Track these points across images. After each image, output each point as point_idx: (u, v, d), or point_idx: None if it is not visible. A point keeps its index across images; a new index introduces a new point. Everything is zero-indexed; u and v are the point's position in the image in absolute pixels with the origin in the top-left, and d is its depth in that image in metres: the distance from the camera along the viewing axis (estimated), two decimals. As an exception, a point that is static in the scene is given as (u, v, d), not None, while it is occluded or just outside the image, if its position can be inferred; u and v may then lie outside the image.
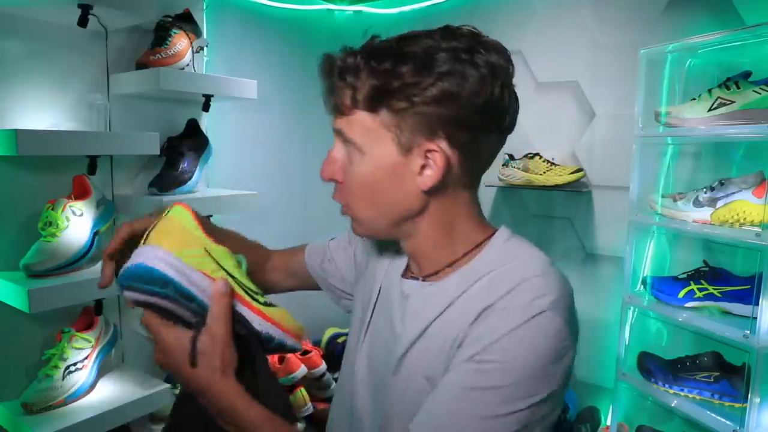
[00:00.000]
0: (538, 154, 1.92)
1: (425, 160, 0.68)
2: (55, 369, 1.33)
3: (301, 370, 1.89)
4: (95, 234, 1.41)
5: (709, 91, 1.47)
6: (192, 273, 0.65)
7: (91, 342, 1.41)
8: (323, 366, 2.02)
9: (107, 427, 1.34)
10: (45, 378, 1.32)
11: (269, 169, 2.16)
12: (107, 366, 1.52)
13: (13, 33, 1.36)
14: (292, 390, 1.89)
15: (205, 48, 1.74)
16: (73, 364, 1.36)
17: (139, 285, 0.64)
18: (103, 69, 1.53)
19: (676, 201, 1.54)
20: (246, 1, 2.05)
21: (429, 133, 0.67)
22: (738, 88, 1.42)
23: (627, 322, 1.65)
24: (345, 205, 0.75)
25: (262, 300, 0.70)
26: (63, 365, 1.34)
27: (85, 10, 1.33)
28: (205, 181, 1.82)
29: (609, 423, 1.75)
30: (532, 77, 2.02)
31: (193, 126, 1.71)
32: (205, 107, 1.69)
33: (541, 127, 2.02)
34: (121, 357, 1.63)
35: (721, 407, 1.42)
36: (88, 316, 1.45)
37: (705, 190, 1.48)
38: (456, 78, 0.64)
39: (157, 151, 1.51)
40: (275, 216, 2.12)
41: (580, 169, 1.86)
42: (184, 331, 0.65)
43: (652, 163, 1.67)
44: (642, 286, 1.65)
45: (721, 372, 1.45)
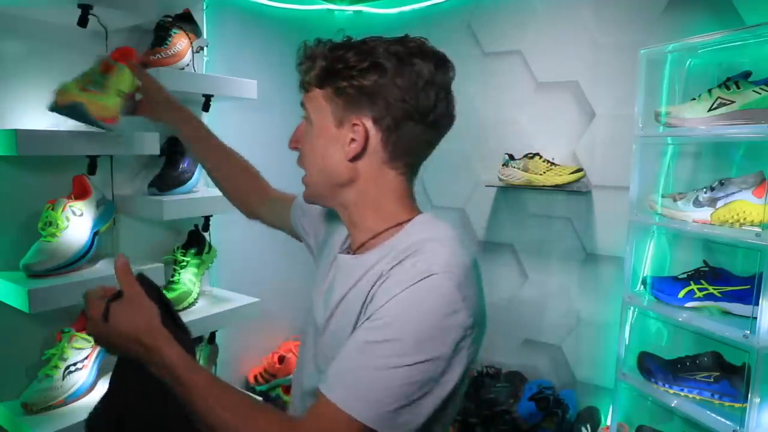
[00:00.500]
0: (538, 154, 1.92)
1: (353, 133, 0.81)
2: (55, 369, 1.33)
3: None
4: (95, 234, 1.41)
5: (709, 91, 1.47)
6: None
7: (91, 342, 1.41)
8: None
9: (107, 427, 1.34)
10: (45, 378, 1.33)
11: (269, 169, 2.15)
12: (107, 366, 1.51)
13: (13, 33, 1.36)
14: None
15: (205, 48, 1.74)
16: (73, 364, 1.36)
17: None
18: (103, 69, 1.53)
19: (676, 201, 1.54)
20: (246, 1, 2.05)
21: (358, 110, 0.80)
22: (738, 88, 1.42)
23: (627, 322, 1.65)
24: (303, 169, 0.88)
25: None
26: (63, 365, 1.34)
27: (85, 10, 1.33)
28: (205, 181, 1.82)
29: (609, 423, 1.75)
30: (532, 77, 2.02)
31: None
32: (205, 107, 1.69)
33: (541, 127, 2.02)
34: (121, 357, 1.63)
35: (721, 407, 1.42)
36: (88, 316, 1.45)
37: (705, 190, 1.48)
38: (388, 71, 0.77)
39: (157, 151, 1.51)
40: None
41: (580, 169, 1.86)
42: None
43: (652, 163, 1.67)
44: (642, 286, 1.65)
45: (721, 372, 1.45)
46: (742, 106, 1.40)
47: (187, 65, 1.61)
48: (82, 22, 1.34)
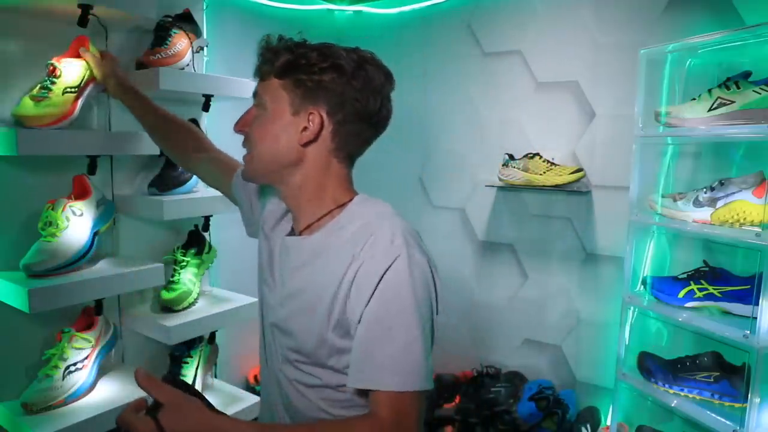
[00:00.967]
0: (538, 154, 1.92)
1: (307, 122, 0.91)
2: (55, 369, 1.33)
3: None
4: (95, 234, 1.41)
5: (709, 91, 1.47)
6: None
7: (91, 342, 1.41)
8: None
9: (107, 427, 1.34)
10: (45, 378, 1.32)
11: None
12: (107, 366, 1.52)
13: (13, 33, 1.36)
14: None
15: (205, 48, 1.74)
16: (73, 364, 1.36)
17: None
18: (103, 69, 1.53)
19: (676, 201, 1.54)
20: (246, 1, 2.05)
21: (314, 102, 0.90)
22: (738, 88, 1.42)
23: (627, 322, 1.65)
24: (248, 150, 0.97)
25: None
26: (63, 365, 1.34)
27: (85, 10, 1.33)
28: (205, 181, 1.83)
29: (609, 423, 1.75)
30: (532, 77, 2.02)
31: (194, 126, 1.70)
32: (205, 107, 1.69)
33: (541, 127, 2.02)
34: (121, 357, 1.63)
35: (721, 407, 1.42)
36: (88, 316, 1.45)
37: (705, 190, 1.48)
38: (346, 72, 0.89)
39: (157, 151, 1.51)
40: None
41: (580, 169, 1.86)
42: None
43: (652, 163, 1.67)
44: (642, 286, 1.65)
45: (721, 372, 1.45)
46: (742, 106, 1.40)
47: (187, 65, 1.60)
48: (82, 22, 1.34)
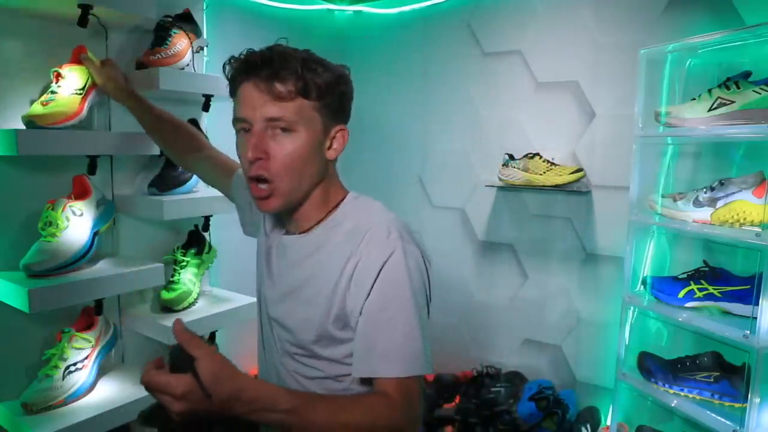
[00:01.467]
0: (538, 154, 1.92)
1: (335, 139, 0.95)
2: (55, 369, 1.33)
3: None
4: (95, 234, 1.41)
5: (709, 91, 1.47)
6: None
7: (91, 342, 1.41)
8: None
9: (107, 427, 1.34)
10: (45, 378, 1.32)
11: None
12: (107, 366, 1.52)
13: (13, 32, 1.36)
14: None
15: (205, 48, 1.74)
16: (73, 364, 1.36)
17: None
18: (103, 69, 1.53)
19: (676, 201, 1.54)
20: (246, 1, 2.05)
21: (339, 118, 0.95)
22: (738, 88, 1.42)
23: (627, 322, 1.65)
24: (270, 180, 0.91)
25: None
26: (63, 365, 1.34)
27: (85, 10, 1.33)
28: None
29: (609, 423, 1.75)
30: (532, 77, 2.02)
31: (193, 126, 1.70)
32: (205, 107, 1.69)
33: (541, 127, 2.02)
34: (121, 357, 1.63)
35: (721, 407, 1.42)
36: (88, 316, 1.45)
37: (705, 190, 1.47)
38: (349, 82, 0.96)
39: (157, 151, 1.51)
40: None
41: (580, 169, 1.86)
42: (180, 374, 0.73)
43: (652, 163, 1.67)
44: (642, 286, 1.65)
45: (721, 372, 1.45)
46: (742, 106, 1.39)
47: (187, 65, 1.60)
48: (82, 22, 1.35)
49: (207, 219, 1.76)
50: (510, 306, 2.15)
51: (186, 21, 1.63)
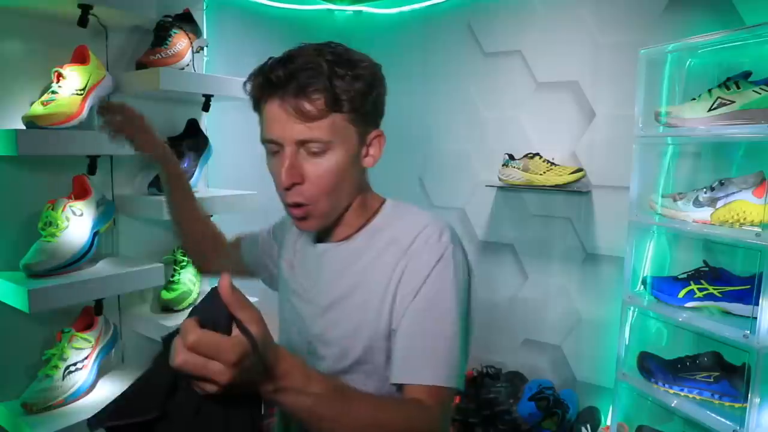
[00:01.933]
0: (538, 154, 1.92)
1: (373, 146, 0.88)
2: (55, 369, 1.33)
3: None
4: (95, 234, 1.41)
5: (709, 91, 1.47)
6: None
7: (91, 342, 1.41)
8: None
9: (107, 427, 1.34)
10: (45, 378, 1.32)
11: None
12: (107, 366, 1.52)
13: (12, 32, 1.36)
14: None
15: (205, 48, 1.74)
16: (73, 364, 1.36)
17: None
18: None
19: (676, 201, 1.54)
20: (246, 1, 2.05)
21: (374, 123, 0.88)
22: (738, 88, 1.42)
23: (627, 322, 1.65)
24: (309, 203, 0.84)
25: None
26: (63, 365, 1.34)
27: (85, 10, 1.33)
28: (205, 181, 1.82)
29: (609, 423, 1.75)
30: (532, 77, 2.02)
31: (193, 126, 1.71)
32: (205, 107, 1.69)
33: (541, 127, 2.02)
34: (121, 357, 1.63)
35: (721, 407, 1.42)
36: (88, 316, 1.45)
37: (705, 190, 1.47)
38: (383, 80, 0.87)
39: (157, 151, 1.51)
40: (275, 216, 2.11)
41: (580, 169, 1.86)
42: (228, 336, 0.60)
43: (652, 163, 1.67)
44: (642, 286, 1.65)
45: (721, 372, 1.45)
46: (742, 106, 1.39)
47: (187, 65, 1.60)
48: (82, 22, 1.35)
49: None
50: (510, 306, 2.15)
51: (186, 21, 1.63)
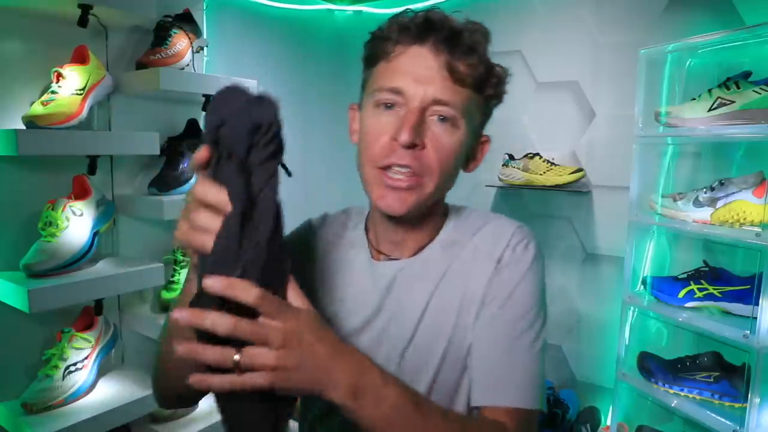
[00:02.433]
0: (538, 154, 1.92)
1: (480, 147, 0.81)
2: (55, 369, 1.33)
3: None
4: (95, 234, 1.41)
5: (709, 91, 1.47)
6: None
7: (91, 342, 1.41)
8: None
9: (107, 427, 1.34)
10: (45, 378, 1.33)
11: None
12: (107, 366, 1.52)
13: (12, 32, 1.36)
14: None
15: (205, 48, 1.74)
16: (73, 364, 1.36)
17: None
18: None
19: (676, 201, 1.54)
20: (246, 1, 2.05)
21: (483, 126, 0.80)
22: (738, 88, 1.42)
23: (627, 322, 1.65)
24: (419, 174, 0.72)
25: None
26: (63, 365, 1.34)
27: (85, 10, 1.33)
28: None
29: (609, 423, 1.75)
30: (532, 77, 2.02)
31: (193, 126, 1.71)
32: (205, 107, 1.69)
33: (541, 127, 2.02)
34: (121, 357, 1.63)
35: (721, 407, 1.42)
36: (88, 316, 1.45)
37: (705, 190, 1.47)
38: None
39: (157, 151, 1.51)
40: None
41: (580, 169, 1.86)
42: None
43: (652, 163, 1.67)
44: (642, 286, 1.65)
45: (721, 372, 1.45)
46: (742, 106, 1.39)
47: (187, 65, 1.61)
48: (82, 22, 1.35)
49: (207, 219, 1.76)
50: (510, 306, 2.14)
51: (186, 21, 1.63)
